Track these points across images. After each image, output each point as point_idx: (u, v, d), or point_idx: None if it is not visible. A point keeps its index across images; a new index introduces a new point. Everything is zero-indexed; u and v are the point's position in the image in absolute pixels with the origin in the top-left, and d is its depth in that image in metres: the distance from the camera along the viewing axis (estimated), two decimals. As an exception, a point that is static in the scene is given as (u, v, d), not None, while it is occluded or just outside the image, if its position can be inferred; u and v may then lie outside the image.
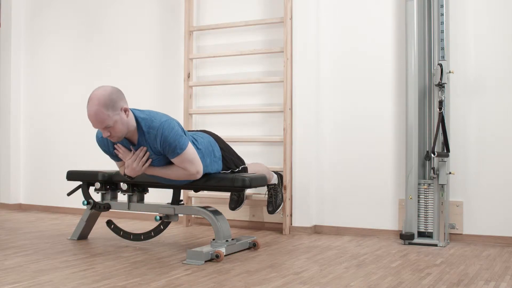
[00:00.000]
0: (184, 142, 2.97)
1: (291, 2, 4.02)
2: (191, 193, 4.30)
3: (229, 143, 3.51)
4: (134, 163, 3.01)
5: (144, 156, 3.00)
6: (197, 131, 3.45)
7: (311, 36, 4.01)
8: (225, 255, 3.09)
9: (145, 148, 2.99)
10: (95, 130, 5.00)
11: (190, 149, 3.01)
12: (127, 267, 2.82)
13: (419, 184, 3.62)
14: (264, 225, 4.20)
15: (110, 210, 3.59)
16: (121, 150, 3.05)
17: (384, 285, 2.47)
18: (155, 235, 3.50)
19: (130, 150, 3.05)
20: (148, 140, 2.96)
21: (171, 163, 3.07)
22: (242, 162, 3.46)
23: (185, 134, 3.03)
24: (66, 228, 4.20)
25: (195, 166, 3.04)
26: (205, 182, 3.21)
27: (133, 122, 2.94)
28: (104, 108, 2.81)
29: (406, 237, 3.53)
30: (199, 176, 3.08)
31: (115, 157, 3.16)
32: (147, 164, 3.03)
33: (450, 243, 3.58)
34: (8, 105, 5.40)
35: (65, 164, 5.07)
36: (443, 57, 3.57)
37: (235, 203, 3.90)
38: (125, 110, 2.89)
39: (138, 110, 3.03)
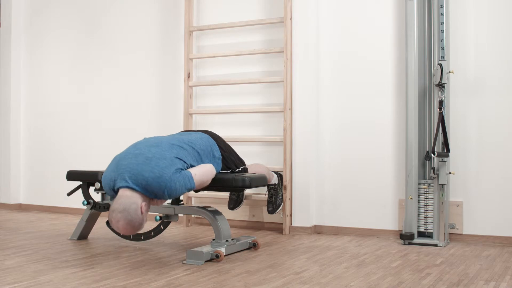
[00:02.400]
0: (190, 182, 2.91)
1: (291, 2, 4.02)
2: (191, 193, 4.30)
3: (229, 143, 3.51)
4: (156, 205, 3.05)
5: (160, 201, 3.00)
6: (197, 131, 3.44)
7: (311, 36, 4.01)
8: (225, 255, 3.09)
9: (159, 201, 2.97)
10: (96, 130, 5.03)
11: (197, 176, 2.97)
12: (127, 267, 2.82)
13: (419, 184, 3.62)
14: (264, 225, 4.20)
15: (110, 210, 3.59)
16: None
17: (384, 285, 2.47)
18: (155, 235, 3.50)
19: None
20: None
21: None
22: (242, 162, 3.46)
23: (182, 159, 2.96)
24: (66, 228, 4.20)
25: (209, 174, 3.06)
26: (205, 182, 3.22)
27: (148, 201, 2.87)
28: (136, 230, 2.77)
29: (406, 237, 3.53)
30: (215, 172, 3.13)
31: None
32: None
33: (450, 243, 3.58)
34: (8, 105, 5.40)
35: (65, 164, 5.07)
36: (443, 57, 3.57)
37: (234, 203, 3.90)
38: (145, 205, 2.79)
39: (135, 179, 2.82)
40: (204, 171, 3.04)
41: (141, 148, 2.96)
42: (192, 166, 3.03)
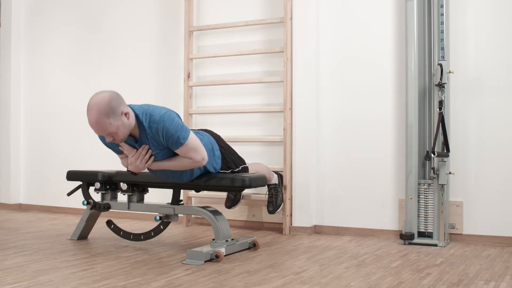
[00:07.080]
0: (185, 132, 2.97)
1: (291, 2, 4.02)
2: (191, 193, 4.30)
3: (229, 143, 3.51)
4: (137, 161, 3.03)
5: (146, 154, 3.01)
6: (198, 130, 3.45)
7: (311, 36, 4.01)
8: (225, 255, 3.09)
9: (147, 146, 3.01)
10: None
11: (193, 138, 3.02)
12: (127, 267, 2.82)
13: (419, 184, 3.62)
14: (263, 225, 4.20)
15: (110, 210, 3.59)
16: (125, 148, 3.05)
17: (384, 285, 2.47)
18: (155, 235, 3.50)
19: (134, 147, 3.05)
20: (150, 135, 2.96)
21: (175, 156, 3.07)
22: (242, 161, 3.46)
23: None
24: (66, 228, 4.20)
25: (200, 154, 3.05)
26: (205, 182, 3.22)
27: (133, 121, 2.94)
28: (105, 116, 2.79)
29: (406, 237, 3.53)
30: (205, 162, 3.09)
31: (118, 151, 3.18)
32: (150, 161, 3.05)
33: (450, 243, 3.58)
34: (8, 105, 5.40)
35: (65, 164, 5.07)
36: (443, 57, 3.57)
37: (231, 202, 3.90)
38: (126, 114, 2.87)
39: (137, 106, 3.01)
40: (200, 145, 3.05)
41: None
42: None
